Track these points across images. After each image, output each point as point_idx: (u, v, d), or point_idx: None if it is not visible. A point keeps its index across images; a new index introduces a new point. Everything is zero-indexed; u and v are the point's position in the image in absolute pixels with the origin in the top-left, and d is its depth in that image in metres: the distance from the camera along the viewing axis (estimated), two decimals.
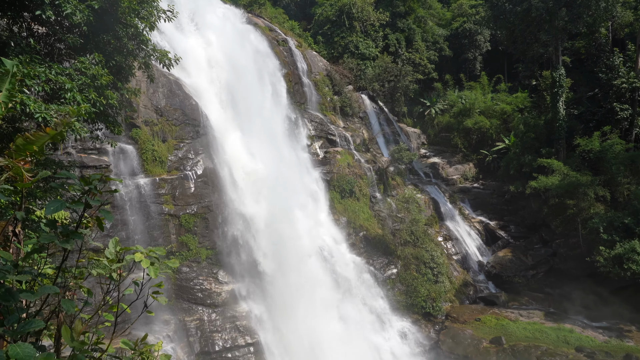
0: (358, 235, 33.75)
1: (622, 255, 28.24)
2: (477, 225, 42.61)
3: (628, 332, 28.09)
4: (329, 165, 35.91)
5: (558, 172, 35.37)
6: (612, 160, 34.18)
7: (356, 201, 35.21)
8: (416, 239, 34.30)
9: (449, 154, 50.68)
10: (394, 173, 41.77)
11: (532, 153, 40.59)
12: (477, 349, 26.61)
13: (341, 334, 26.63)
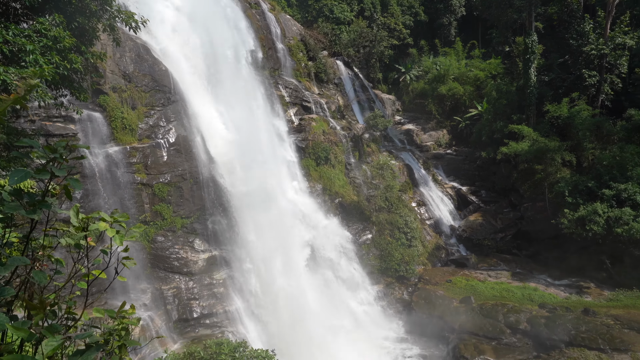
0: (334, 202, 34.09)
1: (585, 217, 29.58)
2: (450, 190, 43.63)
3: (587, 288, 29.81)
4: (304, 133, 35.70)
5: (528, 138, 36.23)
6: (579, 126, 35.18)
7: (331, 168, 35.35)
8: (390, 204, 34.92)
9: (423, 121, 51.11)
10: (369, 140, 41.94)
11: (504, 119, 41.30)
12: (448, 309, 27.79)
13: (318, 297, 27.29)
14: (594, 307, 25.30)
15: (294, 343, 24.31)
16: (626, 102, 38.46)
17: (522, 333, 24.73)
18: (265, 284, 25.87)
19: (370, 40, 51.29)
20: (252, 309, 25.94)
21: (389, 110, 50.95)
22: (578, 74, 39.61)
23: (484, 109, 45.29)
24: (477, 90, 49.26)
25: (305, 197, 32.10)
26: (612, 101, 39.38)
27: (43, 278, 2.90)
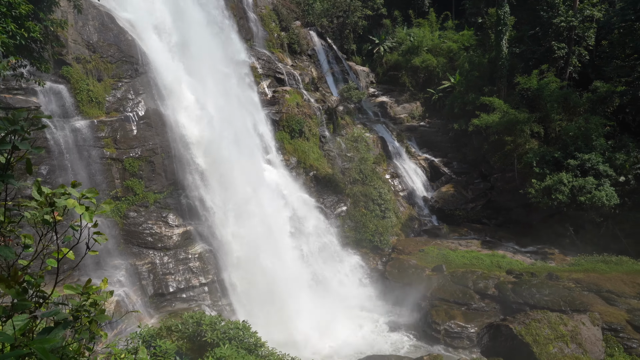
0: (308, 175, 34.12)
1: (551, 187, 30.66)
2: (423, 162, 44.27)
3: (551, 254, 31.23)
4: (277, 105, 35.23)
5: (499, 109, 36.87)
6: (547, 98, 35.98)
7: (306, 141, 35.20)
8: (365, 177, 35.23)
9: (397, 93, 51.17)
10: (343, 112, 41.80)
11: (476, 91, 41.81)
12: (421, 277, 28.66)
13: (295, 269, 27.63)
14: (557, 272, 26.56)
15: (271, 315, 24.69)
16: (592, 74, 39.46)
17: (490, 298, 25.82)
18: (241, 257, 25.96)
19: (344, 11, 50.42)
20: (229, 282, 26.07)
21: (363, 82, 50.71)
22: (548, 46, 40.22)
23: (456, 81, 45.63)
24: (450, 62, 49.46)
25: (279, 170, 31.99)
26: (579, 73, 40.30)
27: (10, 253, 2.81)
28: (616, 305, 22.87)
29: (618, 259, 27.13)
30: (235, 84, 31.50)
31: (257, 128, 32.07)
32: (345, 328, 26.30)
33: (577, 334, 18.22)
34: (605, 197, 29.31)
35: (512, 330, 18.31)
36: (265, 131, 32.93)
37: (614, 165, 31.34)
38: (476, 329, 23.70)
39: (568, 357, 17.22)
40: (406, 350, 24.24)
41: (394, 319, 27.34)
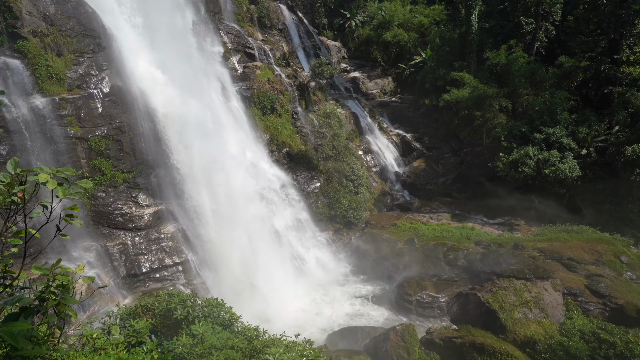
0: (281, 151, 33.94)
1: (518, 160, 31.59)
2: (395, 138, 44.67)
3: (517, 226, 32.42)
4: (248, 81, 34.59)
5: (468, 85, 37.36)
6: (515, 73, 36.65)
7: (278, 118, 34.86)
8: (338, 153, 35.33)
9: (369, 68, 51.02)
10: (315, 88, 41.46)
11: (446, 67, 42.13)
12: (393, 251, 29.32)
13: (270, 246, 27.74)
14: (523, 242, 27.66)
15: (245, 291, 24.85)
16: (558, 50, 40.30)
17: (459, 268, 26.73)
18: (215, 235, 25.84)
19: None
20: (202, 260, 25.98)
21: (334, 57, 50.23)
22: (516, 21, 40.70)
23: (427, 56, 45.81)
24: (421, 37, 49.50)
25: (252, 147, 31.67)
26: (546, 49, 41.08)
27: None
28: (576, 271, 24.11)
29: (579, 228, 28.42)
30: (204, 60, 30.66)
31: (227, 105, 31.50)
32: (320, 302, 26.78)
33: (540, 299, 19.17)
34: (568, 169, 30.45)
35: (480, 298, 19.09)
36: (237, 107, 32.38)
37: (576, 139, 32.47)
38: (446, 298, 24.57)
39: (531, 322, 18.15)
40: (379, 321, 24.96)
41: (368, 291, 27.99)
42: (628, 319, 21.49)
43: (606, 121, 34.20)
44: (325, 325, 24.48)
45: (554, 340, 17.20)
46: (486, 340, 17.36)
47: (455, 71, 39.67)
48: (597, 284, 22.88)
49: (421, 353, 17.79)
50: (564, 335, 17.56)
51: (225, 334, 9.15)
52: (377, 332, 20.17)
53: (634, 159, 29.30)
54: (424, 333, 19.46)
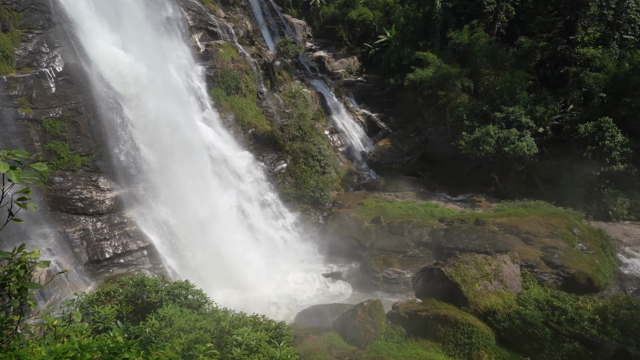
0: (247, 132, 33.50)
1: (479, 139, 32.50)
2: (361, 117, 44.91)
3: (479, 202, 33.58)
4: (211, 60, 33.68)
5: (433, 64, 37.81)
6: (477, 53, 37.36)
7: (243, 98, 34.27)
8: (304, 133, 35.22)
9: (334, 48, 50.69)
10: (280, 67, 40.88)
11: (411, 46, 42.41)
12: (360, 229, 29.80)
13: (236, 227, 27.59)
14: (484, 218, 28.70)
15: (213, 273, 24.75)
16: (518, 30, 41.27)
17: (424, 245, 27.53)
18: (180, 218, 25.42)
19: None
20: (169, 244, 25.59)
21: (299, 36, 49.54)
22: (478, 1, 41.25)
23: (392, 36, 45.91)
24: (386, 16, 49.45)
25: (216, 128, 31.09)
26: (506, 29, 41.97)
27: None
28: (533, 244, 25.33)
29: (536, 204, 29.73)
30: (165, 38, 29.56)
31: (190, 84, 30.64)
32: (289, 281, 27.04)
33: (499, 272, 20.07)
34: (526, 147, 31.62)
35: (444, 272, 19.78)
36: (200, 87, 31.56)
37: (534, 117, 33.66)
38: (412, 274, 25.32)
39: (491, 293, 19.03)
40: (348, 298, 25.50)
41: (336, 269, 28.46)
42: (578, 286, 22.89)
43: (562, 100, 35.58)
44: (295, 304, 24.79)
45: (511, 309, 18.11)
46: (449, 312, 18.07)
47: (420, 51, 40.01)
48: (551, 255, 24.16)
49: (388, 327, 18.35)
50: (521, 305, 18.51)
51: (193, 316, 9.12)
52: (346, 309, 20.61)
53: (586, 136, 30.72)
54: (391, 308, 20.05)
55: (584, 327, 16.99)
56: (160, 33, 29.36)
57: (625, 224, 30.59)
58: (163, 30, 29.91)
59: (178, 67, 29.88)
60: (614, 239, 27.82)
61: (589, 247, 25.72)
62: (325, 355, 15.37)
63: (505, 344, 17.20)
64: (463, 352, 16.76)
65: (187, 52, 32.04)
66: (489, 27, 41.66)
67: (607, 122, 30.01)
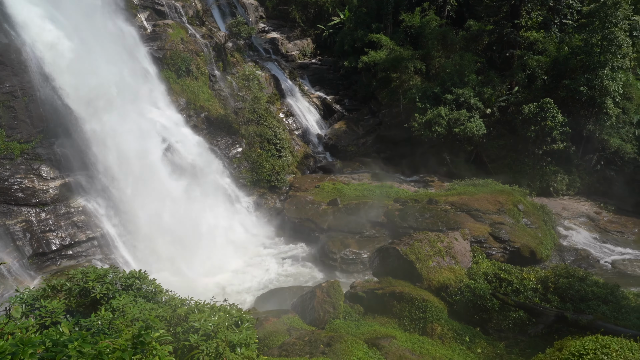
0: (200, 116, 32.61)
1: (431, 120, 33.36)
2: (316, 100, 44.79)
3: (431, 182, 34.66)
4: (159, 41, 32.29)
5: (385, 47, 38.14)
6: (429, 36, 38.03)
7: (194, 80, 33.22)
8: (259, 117, 34.74)
9: (288, 29, 49.96)
10: (232, 49, 39.87)
11: (364, 28, 42.51)
12: (317, 212, 30.02)
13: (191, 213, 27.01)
14: (436, 197, 29.70)
15: (171, 262, 24.23)
16: (467, 13, 42.30)
17: (380, 225, 28.17)
18: (132, 206, 24.55)
19: None
20: (121, 233, 24.72)
21: (252, 16, 48.37)
22: None
23: (346, 17, 45.79)
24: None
25: (167, 111, 30.04)
26: (455, 12, 42.91)
27: None
28: (482, 221, 26.55)
29: (484, 182, 31.07)
30: (107, 17, 27.93)
31: (138, 66, 29.29)
32: (248, 266, 26.93)
33: (451, 248, 20.93)
34: (475, 127, 32.81)
35: (399, 251, 20.37)
36: (148, 69, 30.26)
37: (482, 99, 34.89)
38: (368, 254, 25.90)
39: (444, 269, 19.85)
40: (306, 280, 25.77)
41: (295, 252, 28.61)
42: (523, 259, 24.31)
43: (507, 82, 37.05)
44: (254, 288, 24.78)
45: (462, 283, 18.99)
46: (404, 289, 18.71)
47: (373, 33, 40.20)
48: (498, 231, 25.45)
49: (346, 306, 18.75)
50: (471, 278, 19.45)
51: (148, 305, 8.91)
52: (304, 291, 20.84)
53: (530, 117, 32.25)
54: (349, 288, 20.47)
55: (528, 296, 18.12)
56: (104, 12, 27.71)
57: (564, 199, 32.66)
58: (106, 9, 28.23)
59: (124, 47, 28.43)
60: (555, 214, 29.67)
61: (532, 222, 27.28)
62: (285, 337, 15.53)
63: (457, 316, 18.06)
64: (418, 326, 17.45)
65: (133, 33, 30.52)
66: (440, 10, 42.41)
67: (549, 103, 31.60)
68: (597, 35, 30.65)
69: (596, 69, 30.72)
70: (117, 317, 7.48)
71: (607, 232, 29.26)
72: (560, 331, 15.01)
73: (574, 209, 31.37)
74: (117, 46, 27.63)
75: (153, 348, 4.53)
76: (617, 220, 30.40)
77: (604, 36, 30.28)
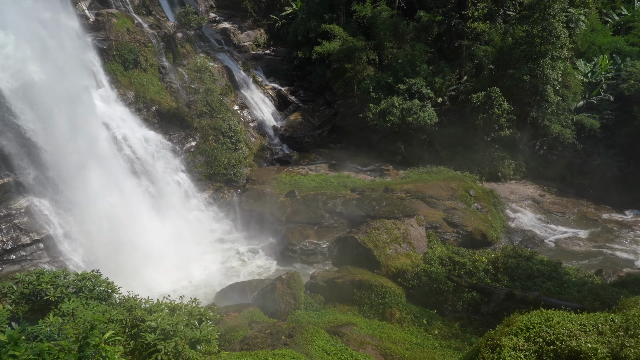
0: (150, 110, 31.48)
1: (385, 110, 33.93)
2: (271, 92, 44.36)
3: (387, 171, 35.37)
4: (103, 31, 30.75)
5: (339, 37, 38.26)
6: (381, 26, 38.48)
7: (143, 73, 31.96)
8: (212, 109, 34.00)
9: (240, 19, 49.00)
10: (182, 40, 38.64)
11: (317, 19, 42.38)
12: (276, 204, 29.91)
13: (145, 210, 26.16)
14: (392, 185, 30.35)
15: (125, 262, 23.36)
16: (417, 4, 43.07)
17: (338, 215, 28.47)
18: (80, 206, 23.40)
19: None
20: (69, 234, 23.55)
21: (202, 6, 46.99)
22: None
23: (298, 7, 45.46)
24: None
25: (115, 105, 28.77)
26: (406, 3, 43.57)
27: None
28: (436, 207, 27.45)
29: (437, 169, 32.05)
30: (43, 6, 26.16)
31: (81, 58, 27.73)
32: (207, 262, 26.49)
33: (407, 235, 21.52)
34: (428, 116, 33.72)
35: (357, 240, 20.71)
36: (92, 61, 28.78)
37: (434, 89, 35.85)
38: (327, 244, 26.16)
39: (401, 255, 20.40)
40: (267, 273, 25.70)
41: (254, 246, 28.41)
42: (475, 242, 25.40)
43: (457, 72, 38.23)
44: (213, 284, 24.43)
45: (419, 268, 19.61)
46: (363, 276, 19.08)
47: (326, 23, 40.16)
48: (452, 216, 26.40)
49: (307, 297, 18.90)
50: (427, 263, 20.11)
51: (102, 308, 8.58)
52: (265, 284, 20.79)
53: (478, 105, 33.51)
54: (309, 278, 20.62)
55: (480, 277, 18.98)
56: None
57: (511, 183, 34.33)
58: None
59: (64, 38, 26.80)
60: (503, 197, 31.14)
61: (483, 206, 28.50)
62: (247, 330, 15.46)
63: (415, 300, 18.66)
64: (378, 312, 17.88)
65: (74, 22, 28.83)
66: (391, 1, 42.95)
67: (495, 92, 32.94)
68: (538, 27, 32.14)
69: (537, 59, 32.26)
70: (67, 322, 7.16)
71: (550, 213, 31.07)
72: (510, 308, 15.85)
73: (521, 192, 33.04)
74: (56, 36, 25.99)
75: (103, 350, 4.37)
76: (559, 202, 32.35)
77: (543, 27, 31.80)
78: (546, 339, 7.11)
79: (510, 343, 7.16)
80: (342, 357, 13.33)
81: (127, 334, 7.42)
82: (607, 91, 35.49)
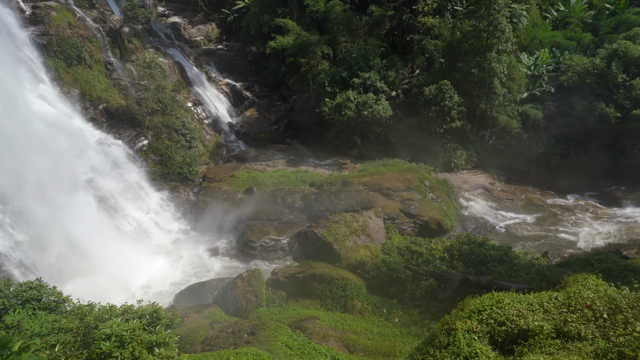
0: (97, 108, 30.11)
1: (341, 104, 34.18)
2: (225, 87, 43.57)
3: (344, 164, 35.69)
4: (42, 25, 29.03)
5: (292, 32, 38.08)
6: (334, 21, 38.65)
7: (88, 69, 30.49)
8: (164, 106, 32.98)
9: (190, 13, 47.73)
10: (130, 35, 37.15)
11: (270, 13, 41.98)
12: (234, 201, 29.48)
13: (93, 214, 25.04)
14: (350, 179, 30.67)
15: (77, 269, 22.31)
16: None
17: (298, 210, 28.45)
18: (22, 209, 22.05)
19: None
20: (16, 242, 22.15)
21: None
22: None
23: (250, 2, 44.82)
24: None
25: (57, 105, 27.28)
26: None
27: None
28: (393, 198, 28.01)
29: (393, 161, 32.68)
30: None
31: (17, 54, 26.10)
32: (164, 264, 25.75)
33: (366, 227, 21.85)
34: (382, 109, 34.27)
35: (317, 234, 20.81)
36: (30, 57, 27.13)
37: (387, 82, 36.45)
38: (288, 239, 26.09)
39: (360, 247, 20.70)
40: (227, 271, 25.32)
41: (213, 245, 27.89)
42: (431, 231, 26.16)
43: (409, 65, 39.06)
44: (172, 286, 23.79)
45: (378, 259, 19.98)
46: (324, 270, 19.21)
47: (279, 17, 39.86)
48: (408, 207, 27.04)
49: (268, 293, 18.81)
50: (386, 254, 20.53)
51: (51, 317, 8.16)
52: (225, 283, 20.49)
53: (430, 98, 34.43)
54: (270, 275, 20.51)
55: (436, 265, 19.60)
56: None
57: (464, 173, 35.58)
58: None
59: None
60: (456, 187, 32.22)
61: (437, 196, 29.37)
62: (208, 331, 15.20)
63: (375, 291, 19.00)
64: (339, 304, 18.08)
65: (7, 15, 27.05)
66: None
67: (446, 85, 33.95)
68: (484, 21, 33.35)
69: (484, 52, 33.51)
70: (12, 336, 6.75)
71: (500, 200, 32.49)
72: (465, 293, 16.46)
73: (472, 181, 34.33)
74: None
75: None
76: (507, 189, 33.88)
77: (489, 22, 33.04)
78: (497, 320, 7.45)
79: (464, 326, 7.44)
80: (304, 350, 13.39)
81: (79, 342, 7.10)
82: (549, 83, 37.44)
